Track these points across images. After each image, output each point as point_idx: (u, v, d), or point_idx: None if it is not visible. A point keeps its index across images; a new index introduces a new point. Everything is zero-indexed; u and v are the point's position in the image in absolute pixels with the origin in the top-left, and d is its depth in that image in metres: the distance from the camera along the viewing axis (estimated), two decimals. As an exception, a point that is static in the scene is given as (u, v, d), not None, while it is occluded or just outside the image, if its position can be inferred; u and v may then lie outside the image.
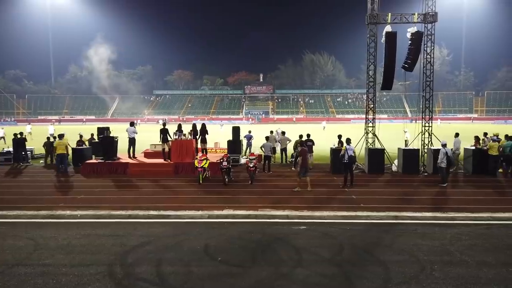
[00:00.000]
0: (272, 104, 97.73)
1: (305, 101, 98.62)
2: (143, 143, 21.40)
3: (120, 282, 6.23)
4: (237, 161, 18.12)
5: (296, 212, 10.24)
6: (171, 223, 9.63)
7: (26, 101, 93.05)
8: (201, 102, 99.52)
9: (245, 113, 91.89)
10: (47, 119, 79.70)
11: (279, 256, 7.33)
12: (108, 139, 17.19)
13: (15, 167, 18.29)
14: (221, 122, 70.47)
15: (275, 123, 72.25)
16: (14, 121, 76.94)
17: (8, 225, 9.48)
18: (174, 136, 17.21)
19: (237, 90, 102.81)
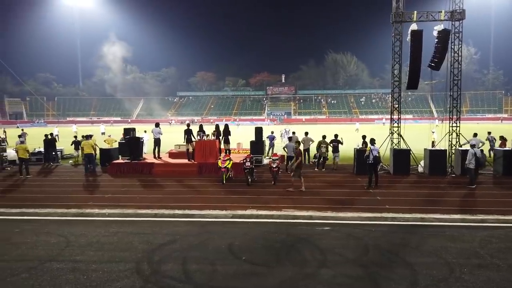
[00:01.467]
0: (294, 105, 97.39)
1: (328, 101, 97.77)
2: (168, 143, 21.75)
3: (147, 279, 6.38)
4: (260, 161, 18.18)
5: (320, 213, 10.19)
6: (196, 222, 9.77)
7: (56, 103, 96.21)
8: (224, 103, 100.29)
9: (267, 114, 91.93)
10: (74, 121, 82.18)
11: (303, 256, 7.32)
12: (134, 139, 17.58)
13: (46, 167, 18.96)
14: (237, 122, 70.77)
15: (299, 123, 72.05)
16: (44, 122, 79.58)
17: (40, 222, 9.85)
18: (197, 137, 17.44)
19: (259, 91, 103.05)
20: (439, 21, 15.96)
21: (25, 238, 8.52)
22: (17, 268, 6.82)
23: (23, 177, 15.92)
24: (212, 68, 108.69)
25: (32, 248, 7.84)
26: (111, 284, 6.16)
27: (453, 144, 16.31)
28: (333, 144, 17.46)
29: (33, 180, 15.72)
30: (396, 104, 17.06)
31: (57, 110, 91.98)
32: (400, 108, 17.24)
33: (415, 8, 16.51)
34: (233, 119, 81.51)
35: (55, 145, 20.13)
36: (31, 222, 9.81)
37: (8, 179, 15.94)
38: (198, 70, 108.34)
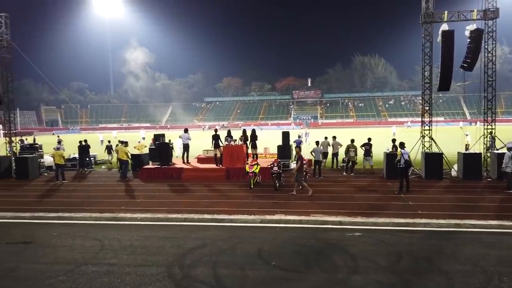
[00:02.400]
0: (320, 109, 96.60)
1: (355, 105, 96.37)
2: (196, 148, 22.08)
3: (179, 283, 6.48)
4: (287, 166, 18.13)
5: (350, 218, 10.04)
6: (225, 226, 9.85)
7: (89, 111, 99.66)
8: (250, 108, 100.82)
9: (293, 118, 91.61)
10: (107, 127, 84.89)
11: (333, 262, 7.24)
12: (164, 145, 17.96)
13: (80, 172, 19.65)
14: (260, 126, 70.74)
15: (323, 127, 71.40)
16: (78, 129, 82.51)
17: (76, 226, 10.22)
18: (225, 142, 17.61)
19: (285, 95, 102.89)
20: (471, 21, 15.48)
21: (62, 241, 8.86)
22: (55, 271, 7.08)
23: (59, 182, 16.56)
24: (238, 74, 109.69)
25: (69, 251, 8.14)
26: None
27: (488, 147, 15.70)
28: (365, 148, 17.18)
29: (68, 185, 16.32)
30: (427, 106, 16.62)
31: (90, 117, 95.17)
32: (431, 110, 16.79)
33: (445, 8, 16.11)
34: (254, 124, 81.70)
35: (89, 151, 20.83)
36: (67, 226, 10.19)
37: (46, 184, 16.62)
38: (224, 75, 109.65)
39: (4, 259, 7.80)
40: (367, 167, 17.21)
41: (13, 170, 18.46)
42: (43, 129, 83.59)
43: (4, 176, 18.11)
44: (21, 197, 13.94)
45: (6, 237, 9.30)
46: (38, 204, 12.74)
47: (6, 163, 18.52)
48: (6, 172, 18.31)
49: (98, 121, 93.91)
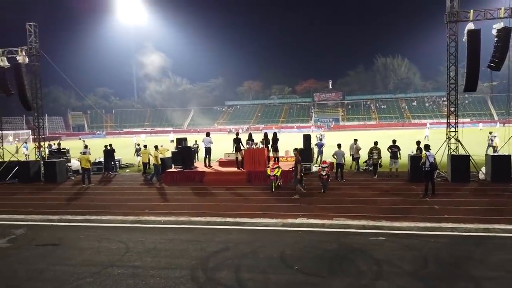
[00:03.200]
0: (342, 111, 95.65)
1: (377, 106, 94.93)
2: (217, 152, 22.22)
3: (202, 286, 6.53)
4: (309, 169, 18.02)
5: (373, 222, 9.88)
6: (247, 230, 9.87)
7: (113, 116, 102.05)
8: (270, 111, 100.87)
9: (314, 121, 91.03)
10: (131, 132, 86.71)
11: (357, 267, 7.13)
12: (186, 149, 18.18)
13: (106, 176, 20.11)
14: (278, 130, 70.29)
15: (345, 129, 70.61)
16: (104, 134, 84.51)
17: (102, 229, 10.46)
18: (246, 145, 17.67)
19: (306, 98, 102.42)
20: (498, 19, 15.03)
21: (88, 243, 9.08)
22: (82, 273, 7.27)
23: (85, 186, 17.00)
24: (258, 77, 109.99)
25: (95, 254, 8.34)
26: (168, 290, 6.39)
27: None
28: (392, 150, 16.88)
29: (94, 188, 16.73)
30: (453, 107, 16.21)
31: (115, 122, 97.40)
32: (457, 111, 16.36)
33: (471, 7, 15.69)
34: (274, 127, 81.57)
35: (114, 155, 21.30)
36: (93, 229, 10.44)
37: (73, 187, 17.09)
38: (245, 79, 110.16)
39: (34, 261, 8.06)
40: (393, 170, 16.91)
41: (42, 174, 19.08)
42: (70, 134, 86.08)
43: (34, 179, 18.74)
44: (49, 200, 14.37)
45: (35, 239, 9.61)
46: (65, 207, 13.12)
47: (36, 167, 19.17)
48: (36, 176, 18.94)
49: (122, 126, 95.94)
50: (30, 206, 13.17)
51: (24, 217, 11.78)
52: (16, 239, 9.71)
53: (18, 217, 11.86)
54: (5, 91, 19.45)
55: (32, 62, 19.24)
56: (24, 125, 71.42)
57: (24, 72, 18.85)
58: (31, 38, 19.06)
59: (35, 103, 19.59)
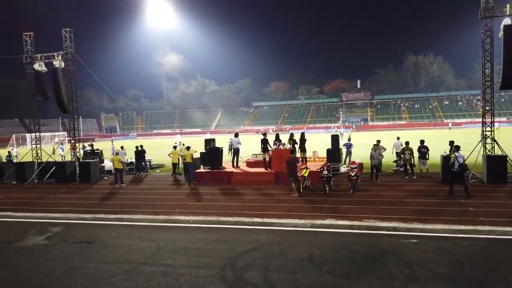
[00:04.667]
0: (371, 111, 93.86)
1: (408, 106, 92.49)
2: (245, 152, 22.33)
3: (231, 286, 6.59)
4: (337, 170, 17.81)
5: (405, 224, 9.64)
6: (275, 230, 9.87)
7: (144, 117, 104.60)
8: (298, 111, 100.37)
9: (342, 121, 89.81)
10: (160, 133, 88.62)
11: (388, 269, 6.99)
12: (215, 149, 18.38)
13: (137, 176, 20.64)
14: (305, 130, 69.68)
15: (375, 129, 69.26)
16: (135, 135, 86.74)
17: (134, 227, 10.74)
18: (274, 146, 17.66)
19: (333, 98, 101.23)
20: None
21: (121, 241, 9.36)
22: (115, 270, 7.50)
23: (118, 186, 17.51)
24: (285, 78, 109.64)
25: (128, 252, 8.57)
26: (198, 288, 6.49)
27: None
28: (421, 151, 16.44)
29: (126, 188, 17.21)
30: (488, 106, 15.58)
31: (145, 124, 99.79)
32: (493, 110, 15.72)
33: (507, 1, 15.01)
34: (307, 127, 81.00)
35: (145, 156, 21.82)
36: (126, 227, 10.74)
37: (106, 187, 17.65)
38: (271, 80, 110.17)
39: (70, 258, 8.39)
40: (423, 171, 16.45)
41: (77, 174, 19.81)
42: (103, 136, 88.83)
43: (69, 179, 19.49)
44: (84, 200, 14.90)
45: (71, 237, 9.99)
46: (99, 206, 13.57)
47: (71, 168, 19.93)
48: (71, 176, 19.69)
49: (152, 127, 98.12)
50: (66, 205, 13.71)
51: (61, 216, 12.29)
52: (53, 236, 10.12)
53: (55, 215, 12.38)
54: (43, 95, 20.35)
55: (67, 66, 20.01)
56: (60, 127, 74.39)
57: (60, 76, 19.62)
58: (66, 43, 19.83)
59: (70, 106, 20.35)
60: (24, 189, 18.27)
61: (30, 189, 18.20)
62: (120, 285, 6.79)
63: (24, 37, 20.48)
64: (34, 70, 20.00)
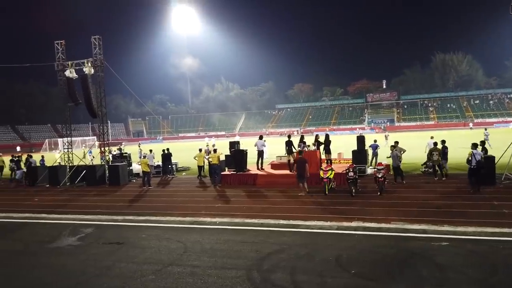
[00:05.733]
0: (397, 111, 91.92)
1: (436, 106, 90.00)
2: (269, 154, 22.38)
3: (258, 287, 6.61)
4: (363, 171, 17.56)
5: (435, 227, 9.39)
6: (301, 232, 9.82)
7: (169, 121, 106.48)
8: (322, 113, 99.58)
9: (367, 122, 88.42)
10: (186, 136, 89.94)
11: (419, 273, 6.83)
12: (239, 152, 18.50)
13: (164, 179, 21.03)
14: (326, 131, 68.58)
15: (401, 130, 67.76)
16: (161, 139, 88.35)
17: (161, 229, 10.94)
18: (298, 148, 17.59)
19: (358, 99, 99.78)
20: None
21: (150, 243, 9.55)
22: (145, 270, 7.66)
23: (145, 188, 17.90)
24: (309, 79, 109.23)
25: (156, 253, 8.74)
26: (225, 289, 6.54)
27: None
28: (445, 151, 16.03)
29: (154, 190, 17.57)
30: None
31: (171, 127, 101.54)
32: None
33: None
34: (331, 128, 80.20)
35: (171, 159, 22.21)
36: (154, 229, 10.96)
37: (134, 190, 18.07)
38: (295, 82, 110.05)
39: (101, 258, 8.63)
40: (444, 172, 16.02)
41: (106, 177, 20.38)
42: (130, 140, 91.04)
43: (99, 182, 20.07)
44: (114, 202, 15.32)
45: (102, 238, 10.28)
46: (128, 208, 13.91)
47: (101, 171, 20.52)
48: (101, 179, 20.27)
49: (178, 131, 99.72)
50: (97, 207, 14.14)
51: (92, 217, 12.67)
52: (85, 237, 10.45)
53: (87, 217, 12.78)
54: (74, 101, 21.10)
55: (97, 72, 20.65)
56: (90, 132, 76.68)
57: (90, 82, 20.28)
58: (95, 50, 20.49)
59: (99, 111, 20.99)
60: (57, 192, 18.95)
61: (62, 192, 18.87)
62: (150, 285, 6.93)
63: (55, 45, 21.29)
64: (65, 77, 20.78)
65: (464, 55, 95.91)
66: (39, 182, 21.51)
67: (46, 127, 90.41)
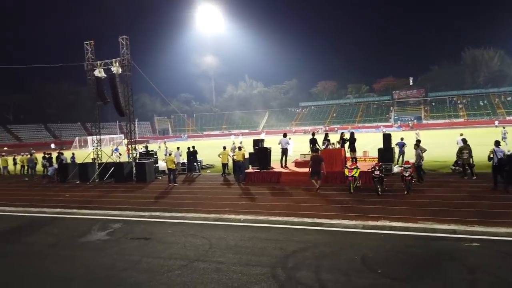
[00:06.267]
0: (424, 109, 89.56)
1: (465, 103, 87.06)
2: (293, 152, 22.29)
3: (283, 285, 6.61)
4: (390, 170, 17.23)
5: (465, 227, 9.11)
6: (325, 231, 9.76)
7: (194, 120, 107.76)
8: (346, 111, 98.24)
9: (393, 120, 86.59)
10: (210, 134, 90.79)
11: (448, 274, 6.66)
12: (263, 150, 18.53)
13: (189, 176, 21.32)
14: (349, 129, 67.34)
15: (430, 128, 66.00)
16: (186, 137, 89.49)
17: (187, 225, 11.11)
18: (322, 146, 17.46)
19: (384, 96, 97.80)
20: None
21: (176, 238, 9.72)
22: (171, 265, 7.81)
23: (171, 185, 18.20)
24: (333, 77, 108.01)
25: (182, 248, 8.89)
26: (250, 287, 6.57)
27: None
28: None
29: (179, 187, 17.85)
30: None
31: (195, 125, 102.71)
32: None
33: None
34: (351, 127, 78.99)
35: (196, 156, 22.49)
36: (179, 225, 11.14)
37: (160, 187, 18.41)
38: (318, 80, 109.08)
39: (129, 253, 8.86)
40: None
41: (133, 174, 20.85)
42: (156, 137, 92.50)
43: (127, 179, 20.57)
44: (141, 198, 15.67)
45: (130, 233, 10.55)
46: (154, 204, 14.20)
47: (128, 168, 21.01)
48: (128, 176, 20.76)
49: (202, 129, 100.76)
50: (125, 203, 14.50)
51: (120, 213, 13.01)
52: (114, 232, 10.75)
53: (115, 212, 13.13)
54: (102, 100, 21.67)
55: (124, 72, 21.12)
56: (118, 130, 78.54)
57: (117, 81, 20.76)
58: (123, 50, 20.96)
59: (127, 109, 21.47)
60: (87, 188, 19.56)
61: (92, 188, 19.45)
62: (176, 280, 7.06)
63: (85, 45, 21.91)
64: (94, 76, 21.34)
65: (495, 51, 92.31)
66: (70, 179, 22.26)
67: (76, 125, 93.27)
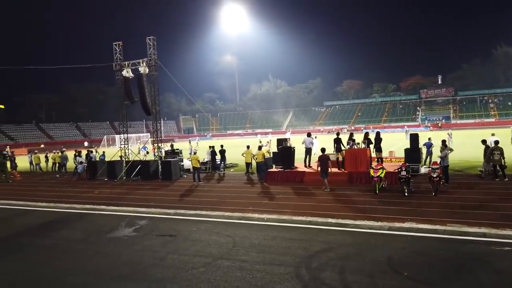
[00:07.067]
0: (453, 108, 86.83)
1: (497, 102, 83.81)
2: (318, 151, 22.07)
3: (307, 285, 6.59)
4: (417, 170, 16.84)
5: (496, 230, 8.81)
6: (350, 232, 9.65)
7: (218, 119, 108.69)
8: (371, 110, 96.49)
9: (421, 119, 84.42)
10: (234, 133, 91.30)
11: (477, 278, 6.46)
12: (287, 149, 18.49)
13: (212, 175, 21.53)
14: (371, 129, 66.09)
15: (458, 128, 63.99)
16: (210, 136, 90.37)
17: (211, 223, 11.23)
18: (347, 146, 17.26)
19: (411, 95, 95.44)
20: None
21: (200, 236, 9.85)
22: (196, 262, 7.92)
23: (195, 183, 18.44)
24: (358, 76, 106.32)
25: (206, 246, 9.00)
26: (274, 286, 6.59)
27: None
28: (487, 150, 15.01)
29: (203, 186, 18.07)
30: None
31: (219, 125, 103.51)
32: None
33: None
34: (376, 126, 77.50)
35: (224, 155, 22.62)
36: (204, 223, 11.27)
37: (185, 185, 18.68)
38: (343, 79, 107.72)
39: (155, 249, 9.04)
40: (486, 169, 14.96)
41: (159, 172, 21.24)
42: (181, 136, 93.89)
43: (153, 177, 20.98)
44: (166, 196, 15.96)
45: (155, 230, 10.76)
46: (179, 202, 14.43)
47: (154, 166, 21.42)
48: (154, 174, 21.17)
49: (226, 128, 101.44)
50: (151, 201, 14.81)
51: (146, 210, 13.29)
52: (140, 229, 10.99)
53: (141, 209, 13.43)
54: (130, 99, 22.19)
55: (151, 72, 21.52)
56: (144, 129, 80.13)
57: (144, 81, 21.19)
58: (150, 51, 21.36)
59: (153, 109, 21.88)
60: (114, 185, 20.07)
61: (119, 185, 19.95)
62: (201, 277, 7.16)
63: (113, 46, 22.48)
64: (122, 76, 21.87)
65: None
66: (99, 176, 22.91)
67: (104, 124, 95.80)
